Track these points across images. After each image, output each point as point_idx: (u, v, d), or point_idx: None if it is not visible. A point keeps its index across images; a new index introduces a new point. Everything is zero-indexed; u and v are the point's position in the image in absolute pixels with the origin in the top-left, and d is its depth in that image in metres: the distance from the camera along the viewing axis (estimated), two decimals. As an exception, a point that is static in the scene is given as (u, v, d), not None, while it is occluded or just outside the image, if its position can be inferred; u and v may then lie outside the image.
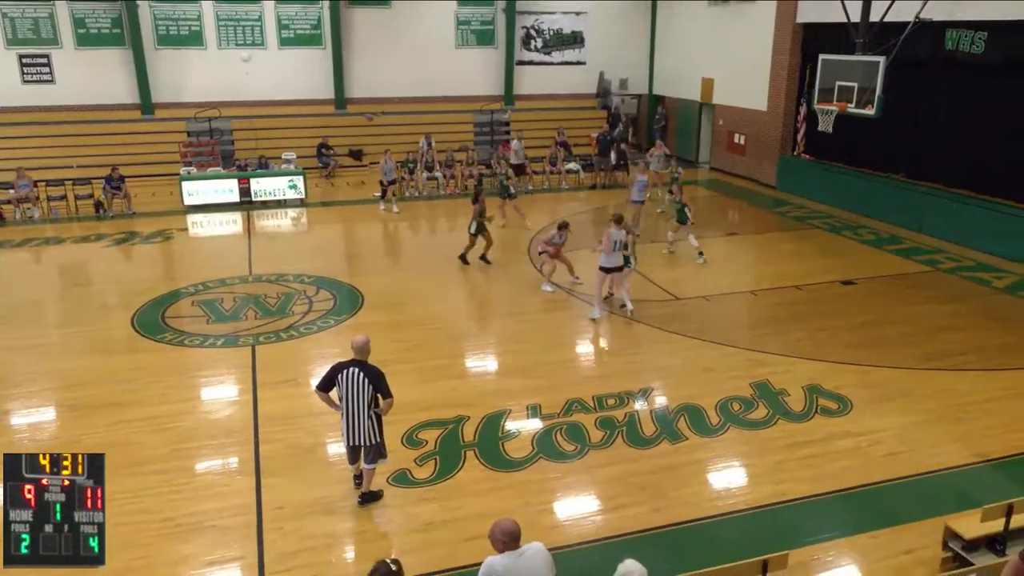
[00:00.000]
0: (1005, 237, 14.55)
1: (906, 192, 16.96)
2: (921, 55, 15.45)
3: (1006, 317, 11.70)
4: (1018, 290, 12.90)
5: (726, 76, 22.93)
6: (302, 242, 17.02)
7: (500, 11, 25.17)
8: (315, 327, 11.26)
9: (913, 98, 16.71)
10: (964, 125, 15.78)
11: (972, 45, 14.77)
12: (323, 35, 23.74)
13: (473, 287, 13.14)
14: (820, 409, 8.75)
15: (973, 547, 5.87)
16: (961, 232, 15.46)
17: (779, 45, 20.34)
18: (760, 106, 21.37)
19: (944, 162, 16.38)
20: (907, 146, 17.25)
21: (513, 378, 9.63)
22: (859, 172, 18.45)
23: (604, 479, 7.43)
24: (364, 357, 6.69)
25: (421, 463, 7.64)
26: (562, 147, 23.04)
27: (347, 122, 23.99)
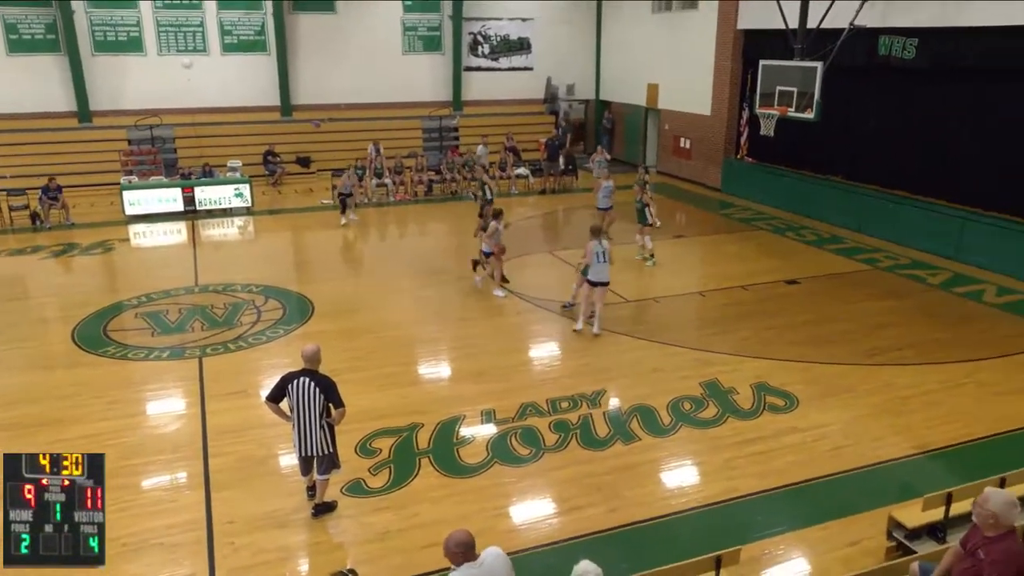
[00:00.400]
0: (938, 236, 15.10)
1: (846, 194, 17.47)
2: (857, 61, 15.95)
3: (940, 313, 12.13)
4: (951, 286, 13.39)
5: (671, 81, 23.32)
6: (249, 251, 16.73)
7: (447, 17, 25.18)
8: (264, 337, 11.07)
9: (850, 102, 17.24)
10: (897, 128, 16.34)
11: (904, 51, 15.31)
12: (267, 41, 23.42)
13: (425, 293, 13.09)
14: (768, 406, 8.94)
15: (915, 536, 6.07)
16: (898, 231, 15.98)
17: (721, 51, 20.78)
18: (704, 111, 21.78)
19: (880, 164, 16.92)
20: (845, 149, 17.78)
21: (467, 383, 9.61)
22: (801, 174, 18.94)
23: (559, 481, 7.46)
24: (315, 366, 6.60)
25: (375, 472, 7.57)
26: (511, 152, 23.13)
27: (294, 129, 23.71)
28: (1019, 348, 10.61)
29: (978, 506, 4.61)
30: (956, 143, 15.11)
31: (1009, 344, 10.75)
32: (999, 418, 8.60)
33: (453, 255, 15.63)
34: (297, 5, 23.53)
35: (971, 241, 14.51)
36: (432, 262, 15.03)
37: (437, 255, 15.65)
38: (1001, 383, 9.52)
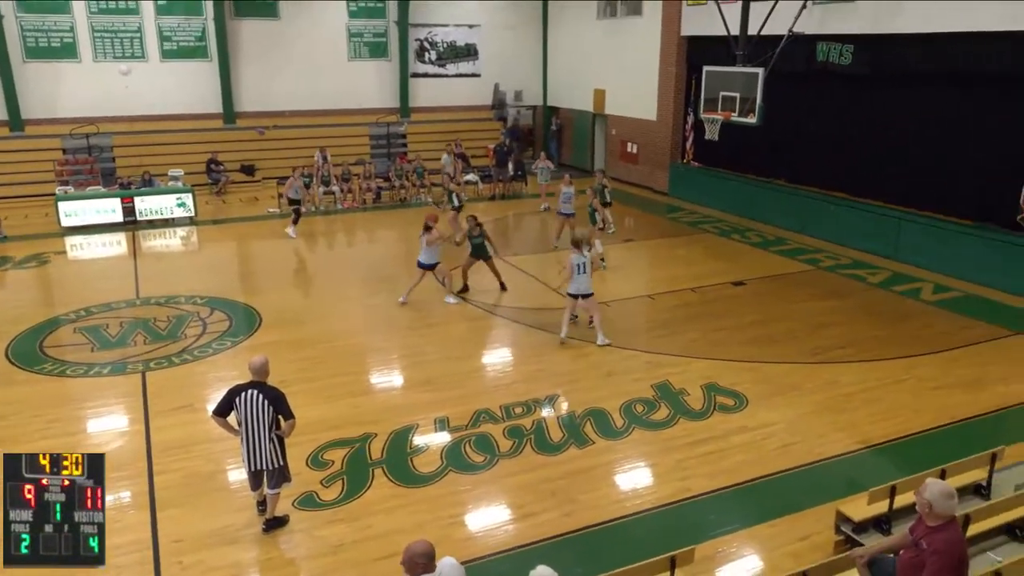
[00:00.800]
0: (876, 236, 15.58)
1: (788, 196, 17.90)
2: (796, 67, 16.37)
3: (880, 311, 12.51)
4: (890, 285, 13.82)
5: (617, 87, 23.61)
6: (193, 262, 16.37)
7: (392, 23, 25.07)
8: (210, 350, 10.84)
9: (792, 107, 17.66)
10: (837, 132, 16.82)
11: (841, 57, 15.78)
12: (208, 47, 22.97)
13: (375, 302, 12.97)
14: (718, 406, 9.09)
15: (862, 529, 6.23)
16: (838, 232, 16.44)
17: (666, 57, 21.12)
18: (650, 116, 22.10)
19: (820, 167, 17.38)
20: (787, 153, 18.22)
21: (419, 392, 9.55)
22: (745, 178, 19.35)
23: (514, 488, 7.46)
24: (263, 378, 6.49)
25: (328, 484, 7.46)
26: (460, 159, 23.11)
27: (237, 136, 23.31)
28: (954, 344, 11.00)
29: (918, 495, 4.76)
30: (892, 146, 15.62)
31: (945, 340, 11.14)
32: (937, 412, 8.90)
33: (403, 263, 15.50)
34: (239, 10, 23.15)
35: (908, 241, 15.01)
36: (382, 270, 14.91)
37: (387, 263, 15.54)
38: (938, 378, 9.86)
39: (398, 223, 18.88)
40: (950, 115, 14.35)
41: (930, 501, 4.62)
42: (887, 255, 15.34)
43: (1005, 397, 9.29)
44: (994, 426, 8.74)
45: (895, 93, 15.38)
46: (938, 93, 14.52)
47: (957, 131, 14.25)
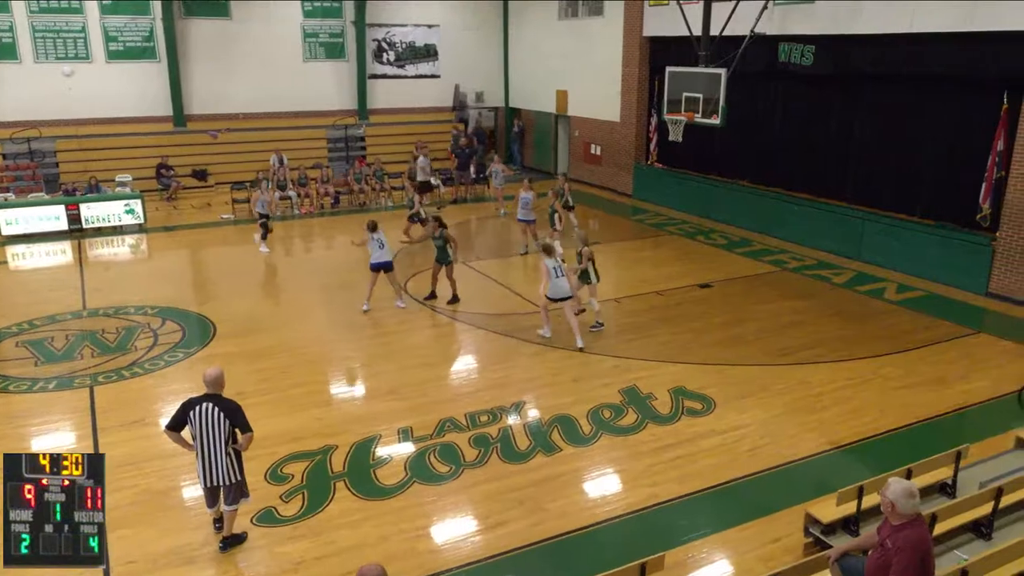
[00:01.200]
0: (840, 236, 15.89)
1: (752, 197, 18.17)
2: (759, 67, 16.65)
3: (846, 311, 12.75)
4: (854, 285, 14.11)
5: (580, 88, 23.76)
6: (143, 271, 16.06)
7: (349, 23, 24.90)
8: (162, 362, 10.63)
9: (755, 108, 17.97)
10: (800, 133, 17.14)
11: (802, 57, 16.09)
12: (157, 48, 22.57)
13: (335, 309, 12.85)
14: (686, 410, 9.17)
15: (831, 530, 6.34)
16: (802, 233, 16.74)
17: (628, 58, 21.32)
18: (613, 117, 22.28)
19: (784, 168, 17.69)
20: (751, 154, 18.51)
21: (382, 401, 9.48)
22: (709, 179, 19.59)
23: (481, 497, 7.43)
24: (218, 390, 6.38)
25: (287, 499, 7.36)
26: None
27: (188, 140, 22.94)
28: (918, 342, 11.27)
29: (881, 495, 4.85)
30: (854, 147, 15.98)
31: (909, 339, 11.40)
32: (903, 411, 9.10)
33: (363, 269, 15.38)
34: (188, 9, 22.79)
35: (871, 241, 15.34)
36: (341, 277, 14.78)
37: (347, 269, 15.40)
38: (903, 377, 10.08)
39: (358, 228, 18.69)
40: (910, 115, 14.71)
41: (892, 500, 4.71)
42: (851, 256, 15.66)
43: (968, 395, 9.53)
44: (958, 424, 8.97)
45: (856, 93, 15.72)
46: (898, 93, 14.89)
47: (917, 131, 14.62)
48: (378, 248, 12.40)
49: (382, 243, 12.43)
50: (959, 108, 13.86)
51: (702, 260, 15.76)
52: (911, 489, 4.74)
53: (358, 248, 16.10)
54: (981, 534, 6.20)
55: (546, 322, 11.38)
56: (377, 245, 12.40)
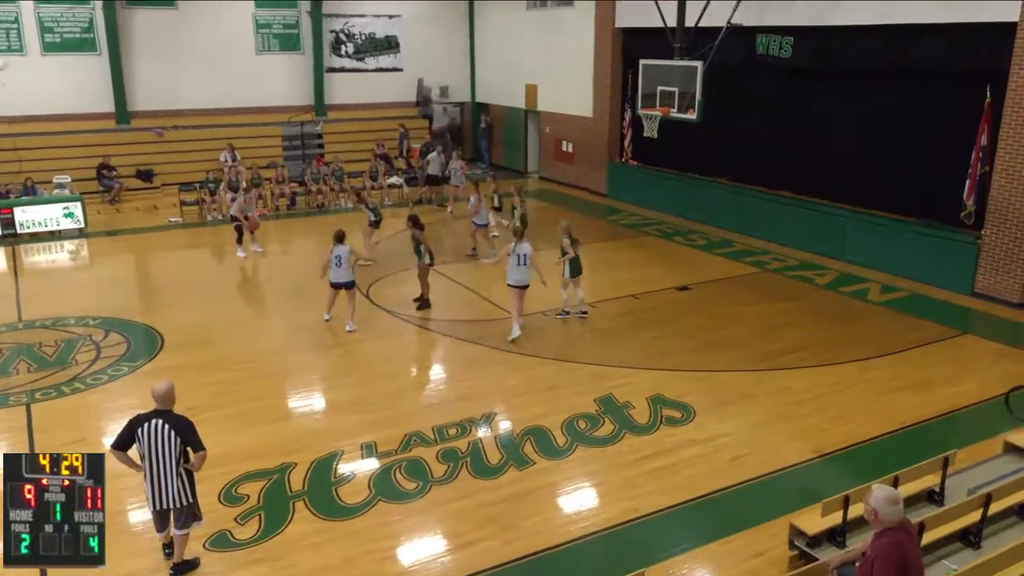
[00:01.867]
0: (823, 236, 16.13)
1: (732, 196, 18.38)
2: (736, 60, 16.84)
3: (829, 313, 12.94)
4: (838, 286, 14.33)
5: (550, 82, 23.86)
6: (84, 279, 15.79)
7: (304, 14, 24.78)
8: (105, 377, 10.46)
9: (733, 102, 18.15)
10: (780, 128, 17.35)
11: (780, 50, 16.31)
12: (97, 39, 22.25)
13: (292, 318, 12.74)
14: (665, 419, 9.24)
15: (816, 542, 6.41)
16: (784, 233, 16.97)
17: (600, 50, 21.46)
18: (586, 112, 22.40)
19: (764, 165, 17.90)
20: (729, 150, 18.71)
21: (344, 415, 9.42)
22: (686, 177, 19.77)
23: (451, 515, 7.41)
24: (168, 406, 6.29)
25: (243, 521, 7.28)
26: (383, 160, 22.95)
27: (132, 138, 22.66)
28: (903, 345, 11.47)
29: (864, 503, 4.93)
30: (836, 142, 16.22)
31: (894, 341, 11.60)
32: (889, 416, 9.25)
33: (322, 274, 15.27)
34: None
35: (854, 240, 15.59)
36: (299, 283, 14.66)
37: (304, 275, 15.26)
38: (889, 381, 10.25)
39: (316, 231, 18.60)
40: (893, 110, 14.99)
41: (875, 508, 4.79)
42: (834, 255, 15.90)
43: (955, 398, 9.72)
44: (945, 429, 9.15)
45: (837, 87, 15.98)
46: (880, 87, 15.16)
47: (900, 126, 14.89)
48: (335, 265, 11.96)
49: (340, 260, 11.91)
50: (942, 102, 14.14)
51: (680, 262, 15.90)
52: (893, 495, 4.82)
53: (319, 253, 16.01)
54: (970, 543, 6.32)
55: (516, 319, 11.51)
56: (335, 262, 11.93)
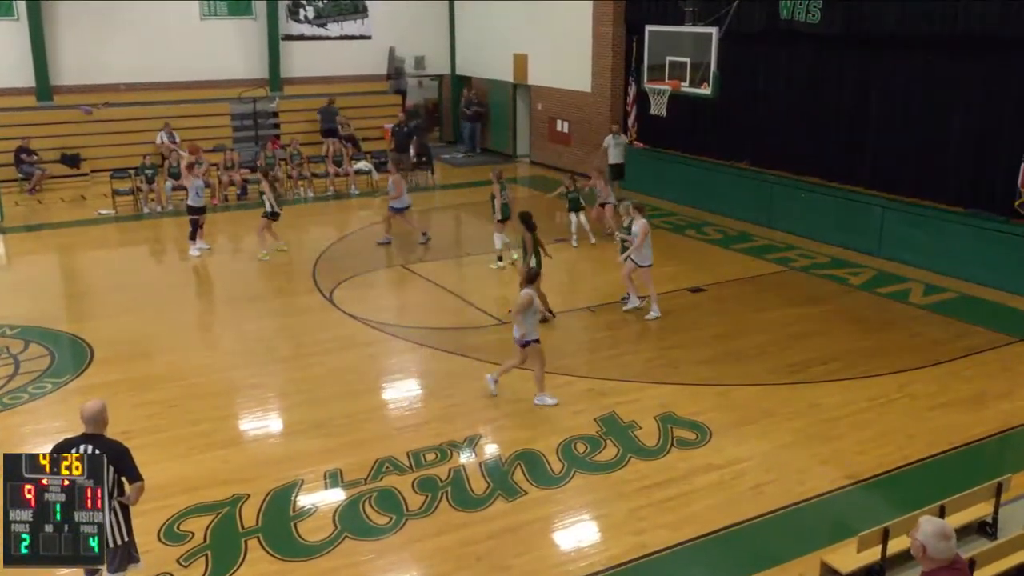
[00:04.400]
0: (857, 229, 16.21)
1: (752, 182, 18.45)
2: (756, 26, 16.93)
3: (865, 318, 13.01)
4: (874, 287, 14.41)
5: (542, 51, 23.90)
6: (0, 281, 15.70)
7: (257, -28, 24.75)
8: (25, 395, 10.41)
9: (752, 75, 18.25)
10: (808, 105, 17.41)
11: (807, 14, 16.35)
12: (14, 3, 22.13)
13: (246, 327, 12.72)
14: (676, 441, 9.26)
15: (852, 582, 6.44)
16: (812, 225, 17.04)
17: (600, 14, 21.51)
18: (584, 87, 22.46)
19: (790, 148, 17.96)
20: (749, 130, 18.78)
21: (305, 438, 9.40)
22: (700, 161, 19.83)
23: (429, 554, 7.41)
24: (100, 430, 6.26)
25: (187, 562, 7.25)
26: (348, 142, 22.94)
27: (56, 117, 22.59)
28: (951, 354, 11.53)
29: (911, 537, 4.95)
30: (872, 122, 16.30)
31: (940, 350, 11.66)
32: (934, 436, 9.30)
33: (281, 276, 15.28)
34: (54, -45, 22.45)
35: (893, 234, 15.66)
36: (253, 286, 14.64)
37: (260, 276, 15.26)
38: (935, 395, 10.31)
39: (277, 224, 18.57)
40: (938, 84, 15.07)
41: (923, 543, 4.80)
42: (869, 251, 15.97)
43: (1009, 415, 9.78)
44: (998, 450, 9.20)
45: (873, 58, 16.05)
46: (922, 58, 15.21)
47: (946, 103, 14.96)
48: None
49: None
50: (995, 75, 14.22)
51: (693, 259, 15.95)
52: (944, 529, 4.84)
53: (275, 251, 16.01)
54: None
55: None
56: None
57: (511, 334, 10.24)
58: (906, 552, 5.97)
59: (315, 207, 20.40)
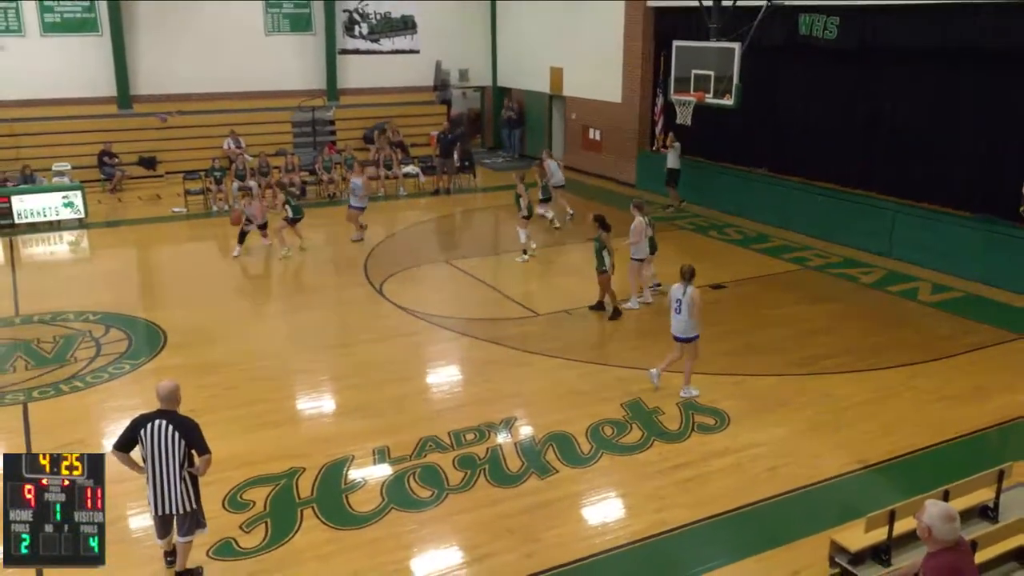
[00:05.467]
0: (869, 231, 16.00)
1: (771, 187, 18.27)
2: (777, 41, 16.73)
3: (875, 315, 12.84)
4: (885, 285, 14.20)
5: (576, 65, 23.80)
6: (84, 272, 16.00)
7: (317, -8, 24.89)
8: (106, 375, 10.60)
9: (772, 87, 18.04)
10: (824, 115, 17.22)
11: (825, 31, 16.17)
12: (99, 19, 22.49)
13: (300, 316, 12.84)
14: (697, 426, 9.22)
15: (859, 560, 6.37)
16: (826, 227, 16.83)
17: (631, 31, 21.38)
18: (615, 98, 22.33)
19: (806, 155, 17.78)
20: (769, 138, 18.60)
21: (354, 419, 9.48)
22: (722, 167, 19.68)
23: (467, 526, 7.45)
24: (173, 407, 6.37)
25: (248, 529, 7.35)
26: (397, 148, 23.03)
27: (135, 124, 22.86)
28: (956, 349, 11.35)
29: (917, 520, 4.89)
30: (884, 130, 16.07)
31: (946, 345, 11.49)
32: (940, 426, 9.17)
33: (332, 270, 15.41)
34: (134, -23, 22.74)
35: (903, 236, 15.44)
36: (308, 279, 14.77)
37: (313, 271, 15.40)
38: (941, 388, 10.16)
39: (327, 223, 18.72)
40: (947, 94, 14.83)
41: (929, 525, 4.74)
42: (881, 252, 15.76)
43: (1012, 407, 9.61)
44: (1001, 440, 9.06)
45: (886, 71, 15.82)
46: (933, 71, 15.00)
47: (954, 112, 14.73)
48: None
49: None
50: (1001, 85, 13.97)
51: (714, 258, 15.83)
52: (949, 512, 4.78)
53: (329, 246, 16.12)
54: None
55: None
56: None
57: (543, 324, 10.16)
58: (911, 533, 5.92)
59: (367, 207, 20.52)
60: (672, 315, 9.91)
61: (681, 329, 9.87)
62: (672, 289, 10.00)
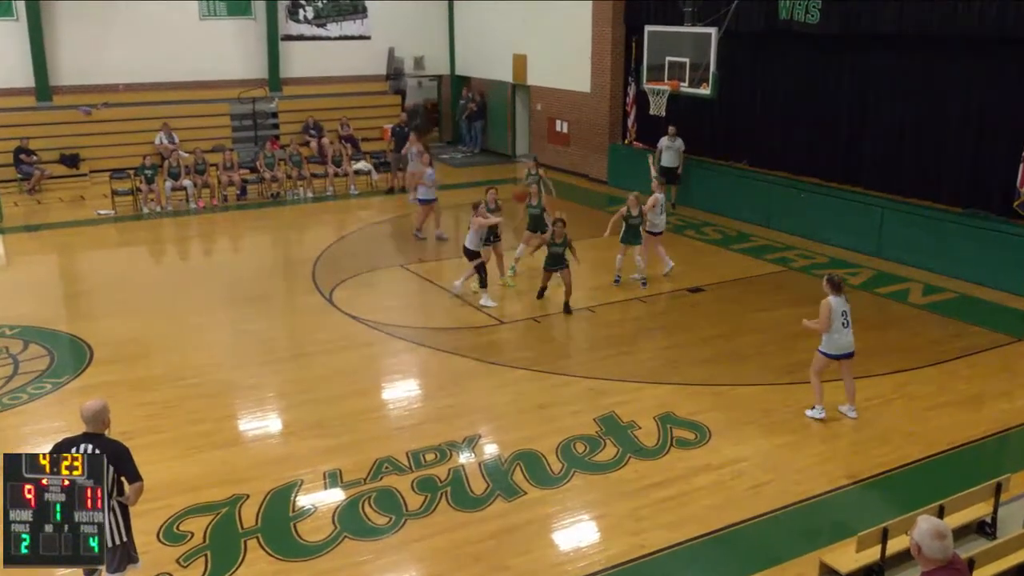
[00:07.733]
0: (856, 229, 16.22)
1: (751, 183, 18.46)
2: (756, 26, 16.93)
3: (864, 318, 12.93)
4: (873, 287, 14.41)
5: (542, 52, 23.90)
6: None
7: (256, -28, 24.74)
8: (24, 395, 10.41)
9: (751, 75, 18.26)
10: (807, 106, 17.44)
11: (806, 14, 16.37)
12: (14, 3, 22.12)
13: (245, 327, 12.71)
14: (675, 441, 9.26)
15: (851, 582, 6.45)
16: (810, 226, 17.05)
17: (599, 15, 21.51)
18: (583, 87, 22.46)
19: (789, 148, 18.00)
20: (748, 131, 18.80)
21: (304, 439, 9.40)
22: (700, 162, 19.82)
23: (428, 554, 7.41)
24: (100, 429, 6.26)
25: (187, 563, 7.26)
26: (347, 142, 22.93)
27: (55, 118, 22.56)
28: (950, 354, 11.55)
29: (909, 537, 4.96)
30: (871, 122, 16.33)
31: (939, 350, 11.68)
32: (933, 436, 9.31)
33: (280, 274, 15.29)
34: (54, -44, 22.43)
35: (892, 234, 15.68)
36: (253, 286, 14.63)
37: (259, 276, 15.26)
38: (933, 395, 10.33)
39: (271, 225, 18.60)
40: (937, 84, 15.09)
41: (918, 543, 4.81)
42: (869, 251, 15.99)
43: (1008, 415, 9.80)
44: (997, 450, 9.22)
45: (871, 58, 16.07)
46: (922, 59, 15.24)
47: (945, 103, 14.99)
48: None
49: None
50: (994, 75, 14.25)
51: (692, 259, 15.94)
52: (939, 529, 4.84)
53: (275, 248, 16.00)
54: (1026, 581, 6.37)
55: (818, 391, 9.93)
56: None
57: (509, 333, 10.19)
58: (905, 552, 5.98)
59: (314, 207, 20.38)
60: (840, 330, 9.48)
61: (851, 342, 9.59)
62: (834, 302, 9.52)
